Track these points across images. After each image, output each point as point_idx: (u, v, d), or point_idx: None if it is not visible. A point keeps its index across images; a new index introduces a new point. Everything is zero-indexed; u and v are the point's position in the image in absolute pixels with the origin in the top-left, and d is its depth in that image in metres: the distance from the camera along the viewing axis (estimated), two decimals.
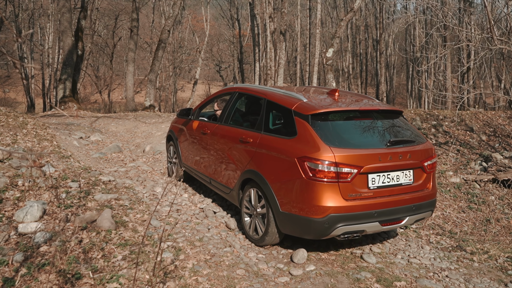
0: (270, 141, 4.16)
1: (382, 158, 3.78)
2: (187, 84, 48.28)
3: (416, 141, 4.14)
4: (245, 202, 4.49)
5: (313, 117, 3.88)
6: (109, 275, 3.26)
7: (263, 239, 4.19)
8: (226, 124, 5.08)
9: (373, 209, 3.75)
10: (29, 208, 4.32)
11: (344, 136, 3.93)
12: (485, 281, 3.84)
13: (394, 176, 3.89)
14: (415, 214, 4.03)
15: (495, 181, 8.30)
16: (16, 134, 7.47)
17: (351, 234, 3.79)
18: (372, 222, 3.77)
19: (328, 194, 3.63)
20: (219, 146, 5.04)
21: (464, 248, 4.68)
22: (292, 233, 3.95)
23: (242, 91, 5.19)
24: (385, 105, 4.46)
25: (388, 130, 4.20)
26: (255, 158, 4.29)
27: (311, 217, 3.67)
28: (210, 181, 5.30)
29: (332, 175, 3.63)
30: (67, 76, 16.64)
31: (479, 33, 8.09)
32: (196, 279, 3.42)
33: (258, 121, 4.50)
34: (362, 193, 3.73)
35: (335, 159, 3.62)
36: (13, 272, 3.41)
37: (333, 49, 14.43)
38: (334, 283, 3.58)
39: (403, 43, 37.36)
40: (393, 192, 3.87)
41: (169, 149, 6.80)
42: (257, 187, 4.23)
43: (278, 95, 4.45)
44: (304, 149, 3.74)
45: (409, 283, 3.67)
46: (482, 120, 12.82)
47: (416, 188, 4.03)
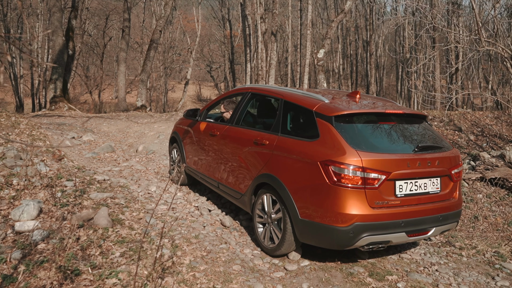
0: (288, 144, 3.92)
1: (411, 164, 3.58)
2: (178, 84, 48.18)
3: (443, 147, 3.96)
4: (257, 210, 4.24)
5: (337, 118, 3.67)
6: (108, 271, 3.32)
7: (278, 248, 3.92)
8: (238, 126, 4.83)
9: (400, 219, 3.53)
10: (25, 206, 4.35)
11: (370, 140, 3.72)
12: (473, 275, 3.97)
13: (421, 184, 3.69)
14: (441, 225, 3.82)
15: (483, 180, 8.48)
16: (8, 134, 7.45)
17: (376, 245, 3.58)
18: (398, 232, 3.56)
19: (354, 201, 3.40)
20: (230, 148, 4.79)
21: (453, 243, 4.81)
22: (311, 242, 3.72)
23: (255, 91, 4.96)
24: (410, 109, 4.27)
25: (414, 135, 4.01)
26: (271, 161, 4.05)
27: (335, 226, 3.43)
28: (218, 185, 5.06)
29: (358, 181, 3.40)
30: (57, 76, 16.56)
31: (467, 35, 8.27)
32: (193, 275, 3.49)
33: (275, 122, 4.27)
34: (389, 201, 3.51)
35: (362, 164, 3.40)
36: (11, 269, 3.44)
37: (324, 50, 14.57)
38: (328, 277, 3.68)
39: (393, 44, 37.74)
40: (420, 200, 3.66)
41: (172, 152, 6.52)
42: (273, 192, 4.00)
43: (297, 96, 4.25)
44: (328, 152, 3.52)
45: (400, 276, 3.78)
46: (470, 120, 13.06)
47: (443, 198, 3.82)
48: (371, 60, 31.15)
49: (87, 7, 30.67)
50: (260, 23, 22.86)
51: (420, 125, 4.12)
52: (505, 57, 8.07)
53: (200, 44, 38.81)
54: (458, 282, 3.78)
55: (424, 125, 4.16)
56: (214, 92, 48.29)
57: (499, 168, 8.53)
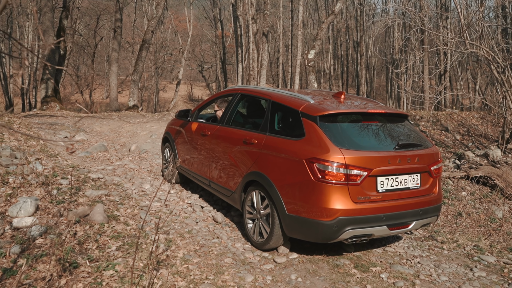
0: (276, 143, 4.10)
1: (392, 161, 3.76)
2: (169, 84, 48.14)
3: (423, 145, 4.14)
4: (247, 207, 4.41)
5: (322, 118, 3.85)
6: (105, 264, 3.47)
7: (267, 242, 4.10)
8: (228, 126, 4.99)
9: (381, 213, 3.72)
10: (23, 203, 4.47)
11: (353, 138, 3.90)
12: (452, 266, 4.18)
13: (402, 180, 3.87)
14: (422, 219, 4.01)
15: (467, 178, 8.75)
16: (2, 133, 7.53)
17: (359, 238, 3.77)
18: (380, 226, 3.74)
19: (337, 197, 3.58)
20: (221, 148, 4.95)
21: (435, 238, 5.03)
22: (298, 236, 3.90)
23: (244, 92, 5.12)
24: (392, 109, 4.46)
25: (396, 133, 4.19)
26: (259, 159, 4.22)
27: (319, 220, 3.61)
28: (209, 183, 5.22)
29: (341, 177, 3.58)
30: (49, 75, 16.56)
31: (452, 37, 8.53)
32: (187, 267, 3.65)
33: (263, 122, 4.43)
34: (371, 196, 3.69)
35: (345, 161, 3.57)
36: (11, 263, 3.57)
37: (314, 51, 14.79)
38: (316, 268, 3.86)
39: (383, 45, 38.17)
40: (401, 196, 3.85)
41: (164, 152, 6.66)
42: (261, 189, 4.17)
43: (284, 96, 4.42)
44: (313, 150, 3.69)
45: (384, 268, 3.98)
46: (456, 120, 13.37)
47: (423, 193, 4.01)
48: (361, 61, 31.49)
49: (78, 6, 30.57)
50: (251, 23, 23.03)
51: (401, 124, 4.30)
52: (489, 59, 8.34)
53: (192, 44, 38.88)
54: (438, 273, 3.99)
55: (405, 124, 4.34)
56: (206, 92, 48.36)
57: (483, 167, 8.80)
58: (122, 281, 3.24)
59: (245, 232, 4.64)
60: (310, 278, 3.69)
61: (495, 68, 8.89)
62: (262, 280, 3.59)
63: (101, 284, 3.18)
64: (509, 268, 4.22)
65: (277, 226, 3.97)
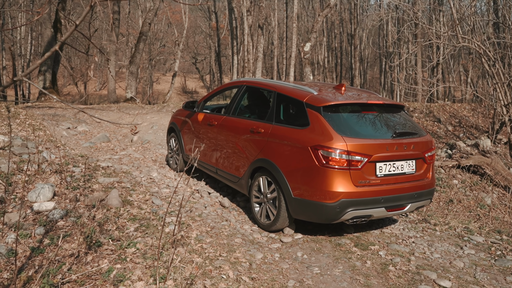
0: (282, 131, 4.36)
1: (389, 148, 4.05)
2: (163, 76, 48.11)
3: (418, 133, 4.44)
4: (254, 191, 4.69)
5: (325, 108, 4.11)
6: (127, 242, 3.75)
7: (274, 224, 4.40)
8: (235, 116, 5.26)
9: (380, 196, 4.01)
10: (41, 189, 4.73)
11: (354, 127, 4.17)
12: (444, 245, 4.53)
13: (399, 165, 4.15)
14: (416, 202, 4.31)
15: (458, 167, 9.13)
16: (10, 124, 7.74)
17: (359, 218, 4.06)
18: (379, 207, 4.03)
19: (340, 180, 3.85)
20: (228, 137, 5.19)
21: (428, 221, 5.38)
22: (303, 218, 4.18)
23: (250, 84, 5.38)
24: (389, 100, 4.74)
25: (393, 122, 4.46)
26: (266, 147, 4.48)
27: (324, 202, 3.89)
28: (216, 170, 5.50)
29: (344, 163, 3.85)
30: (47, 67, 16.66)
31: (445, 31, 8.83)
32: (201, 246, 3.95)
33: (269, 112, 4.70)
34: (370, 180, 3.98)
35: (347, 148, 3.85)
36: (37, 242, 3.84)
37: (310, 44, 15.03)
38: (319, 247, 4.19)
39: (377, 38, 38.48)
40: (397, 180, 4.13)
41: (170, 141, 6.93)
42: (268, 174, 4.44)
43: (289, 88, 4.67)
44: (318, 138, 3.96)
45: (382, 247, 4.31)
46: (449, 112, 13.76)
47: (418, 177, 4.30)
48: (355, 53, 31.80)
49: None
50: (246, 16, 23.16)
51: (398, 114, 4.61)
52: (480, 53, 8.68)
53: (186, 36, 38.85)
54: (431, 251, 4.33)
55: (402, 114, 4.65)
56: (199, 84, 48.42)
57: (473, 156, 9.19)
58: (144, 257, 3.53)
59: (252, 216, 4.95)
60: (314, 255, 4.01)
61: (486, 61, 9.23)
62: (271, 257, 3.90)
63: (125, 260, 3.47)
64: (496, 247, 4.57)
65: (283, 209, 4.26)
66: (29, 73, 1.52)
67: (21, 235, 3.90)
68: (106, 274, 3.25)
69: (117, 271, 3.29)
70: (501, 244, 4.68)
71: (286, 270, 3.66)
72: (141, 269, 3.34)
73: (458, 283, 3.61)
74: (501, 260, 4.18)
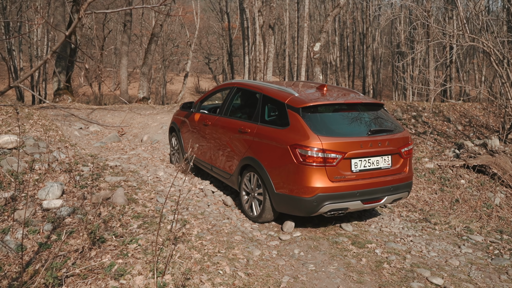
0: (265, 131, 4.67)
1: (364, 145, 4.30)
2: (176, 76, 48.54)
3: (394, 130, 4.65)
4: (244, 185, 5.01)
5: (304, 109, 4.38)
6: (129, 239, 3.91)
7: (260, 216, 4.74)
8: (226, 116, 5.57)
9: (355, 190, 4.28)
10: (50, 187, 4.93)
11: (331, 126, 4.43)
12: (442, 244, 4.57)
13: (374, 161, 4.40)
14: (392, 194, 4.56)
15: (466, 167, 9.10)
16: (24, 125, 8.00)
17: (336, 211, 4.35)
18: (354, 200, 4.31)
19: (317, 177, 4.15)
20: (220, 136, 5.53)
21: (429, 220, 5.42)
22: (285, 211, 4.50)
23: (240, 86, 5.69)
24: (368, 99, 4.97)
25: (370, 120, 4.69)
26: (252, 146, 4.79)
27: (302, 197, 4.21)
28: (211, 168, 5.83)
29: (320, 160, 4.13)
30: (61, 69, 17.04)
31: (452, 30, 8.81)
32: (201, 243, 4.09)
33: (255, 113, 5.00)
34: (346, 175, 4.25)
35: (322, 146, 4.13)
36: (45, 238, 4.03)
37: (320, 43, 15.07)
38: (316, 245, 4.28)
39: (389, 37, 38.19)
40: (373, 175, 4.39)
41: (171, 140, 7.30)
42: (255, 171, 4.74)
43: (273, 90, 4.95)
44: (296, 137, 4.25)
45: (379, 245, 4.39)
46: (459, 111, 13.66)
47: (394, 172, 4.54)
48: (367, 53, 31.65)
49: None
50: (258, 16, 23.27)
51: (376, 112, 4.82)
52: (488, 52, 8.63)
53: (198, 36, 39.15)
54: (428, 249, 4.39)
55: (380, 112, 4.86)
56: (213, 84, 48.70)
57: (481, 156, 9.14)
58: (145, 252, 3.68)
59: (243, 209, 5.10)
60: (311, 252, 4.10)
61: (494, 60, 9.17)
62: (268, 254, 4.02)
63: (127, 255, 3.62)
64: (494, 246, 4.60)
65: (268, 203, 4.60)
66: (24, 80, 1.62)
67: (30, 231, 4.10)
68: (108, 269, 3.40)
69: (118, 266, 3.45)
70: (500, 243, 4.70)
71: (282, 267, 3.77)
72: (142, 264, 3.49)
73: (451, 280, 3.67)
74: (498, 259, 4.21)
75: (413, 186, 8.09)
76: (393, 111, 12.74)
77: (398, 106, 13.30)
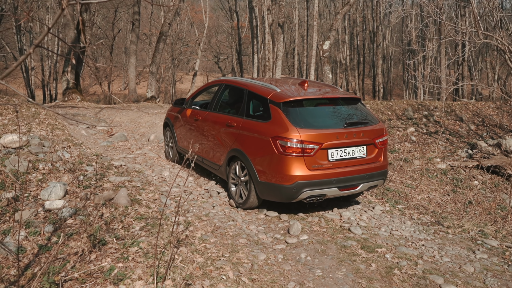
0: (250, 125, 5.00)
1: (339, 137, 4.62)
2: (186, 75, 48.56)
3: (369, 122, 4.97)
4: (231, 175, 5.34)
5: (284, 104, 4.71)
6: (130, 241, 3.80)
7: (245, 203, 5.07)
8: (215, 111, 5.90)
9: (332, 177, 4.60)
10: (53, 188, 4.84)
11: (309, 119, 4.74)
12: (456, 249, 4.39)
13: (350, 151, 4.72)
14: (368, 182, 4.88)
15: (479, 167, 8.85)
16: (30, 124, 7.96)
17: (315, 197, 4.66)
18: (331, 187, 4.63)
19: (296, 166, 4.47)
20: (210, 130, 5.85)
21: (441, 223, 5.22)
22: (268, 198, 4.83)
23: (227, 83, 6.02)
24: (346, 93, 5.31)
25: (347, 114, 5.02)
26: (238, 139, 5.12)
27: (283, 184, 4.53)
28: (202, 160, 6.13)
29: (298, 150, 4.45)
30: (70, 68, 17.06)
31: (465, 27, 8.57)
32: (204, 246, 3.96)
33: (241, 108, 5.33)
34: (323, 164, 4.57)
35: (301, 138, 4.45)
36: (45, 240, 3.94)
37: (329, 42, 14.86)
38: (324, 249, 4.13)
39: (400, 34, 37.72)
40: (349, 164, 4.71)
41: (166, 135, 7.61)
42: (241, 162, 5.06)
43: (257, 86, 5.29)
44: (277, 130, 4.57)
45: (389, 249, 4.22)
46: (472, 110, 13.35)
47: (369, 161, 4.87)
48: (378, 51, 31.28)
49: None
50: (267, 14, 23.11)
51: (354, 106, 5.14)
52: (501, 49, 8.38)
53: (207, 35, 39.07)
54: (441, 254, 4.21)
55: (358, 105, 5.18)
56: None
57: (495, 156, 8.89)
58: (146, 256, 3.56)
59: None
60: (318, 257, 3.95)
61: (509, 58, 8.91)
62: (274, 258, 3.87)
63: (127, 259, 3.51)
64: (511, 251, 4.40)
65: (252, 191, 4.93)
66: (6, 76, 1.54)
67: (30, 233, 4.01)
68: (108, 273, 3.29)
69: (118, 270, 3.34)
70: None
71: (288, 272, 3.62)
72: (142, 268, 3.37)
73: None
74: None
75: (424, 187, 7.89)
76: (404, 110, 12.49)
77: (409, 105, 13.05)
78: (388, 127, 11.09)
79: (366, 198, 6.04)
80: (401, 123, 11.58)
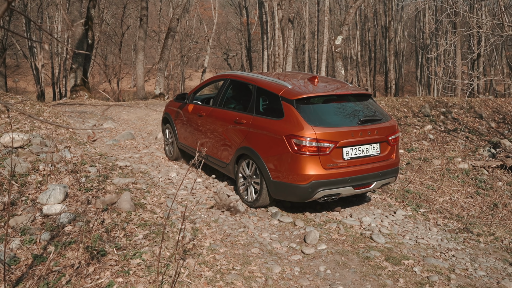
0: (261, 122, 4.84)
1: (354, 134, 4.51)
2: (195, 72, 48.30)
3: (382, 119, 4.87)
4: (240, 173, 5.19)
5: (298, 101, 4.56)
6: (132, 252, 3.46)
7: (256, 202, 4.91)
8: (221, 107, 5.69)
9: (347, 176, 4.49)
10: (52, 191, 4.52)
11: (323, 117, 4.63)
12: (490, 261, 3.98)
13: (364, 149, 4.62)
14: (381, 179, 4.79)
15: (503, 167, 8.38)
16: (33, 122, 7.68)
17: (329, 196, 4.54)
18: (346, 186, 4.51)
19: (311, 165, 4.35)
20: (215, 126, 5.63)
21: (470, 230, 4.81)
22: (281, 198, 4.71)
23: (233, 78, 5.80)
24: (357, 89, 5.17)
25: (360, 110, 4.91)
26: (248, 136, 4.95)
27: (298, 184, 4.40)
28: (207, 157, 5.90)
29: (314, 149, 4.34)
30: (78, 65, 16.83)
31: (489, 20, 8.09)
32: (213, 257, 3.61)
33: (250, 104, 5.15)
34: (338, 163, 4.47)
35: (316, 136, 4.33)
36: (41, 249, 3.62)
37: (342, 37, 14.41)
38: (345, 260, 3.75)
39: (413, 30, 36.99)
40: (363, 162, 4.61)
41: (165, 131, 7.33)
42: (251, 160, 4.90)
43: (267, 82, 5.10)
44: (291, 128, 4.43)
45: (416, 261, 3.82)
46: (491, 107, 12.81)
47: (382, 158, 4.78)
48: (390, 47, 30.63)
49: None
50: (277, 10, 22.67)
51: (365, 102, 5.03)
52: None
53: (217, 32, 38.75)
54: (475, 267, 3.81)
55: (369, 102, 5.08)
56: None
57: None
58: (148, 270, 3.22)
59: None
60: (339, 270, 3.58)
61: None
62: (290, 272, 3.51)
63: (128, 273, 3.17)
64: None
65: (264, 190, 4.78)
66: None
67: (25, 241, 3.70)
68: None
69: (117, 286, 3.00)
70: None
71: None
72: (144, 284, 3.03)
73: None
74: None
75: (446, 188, 7.45)
76: (421, 107, 12.01)
77: (426, 102, 12.56)
78: (404, 124, 10.65)
79: (386, 201, 5.64)
80: (417, 120, 11.12)
